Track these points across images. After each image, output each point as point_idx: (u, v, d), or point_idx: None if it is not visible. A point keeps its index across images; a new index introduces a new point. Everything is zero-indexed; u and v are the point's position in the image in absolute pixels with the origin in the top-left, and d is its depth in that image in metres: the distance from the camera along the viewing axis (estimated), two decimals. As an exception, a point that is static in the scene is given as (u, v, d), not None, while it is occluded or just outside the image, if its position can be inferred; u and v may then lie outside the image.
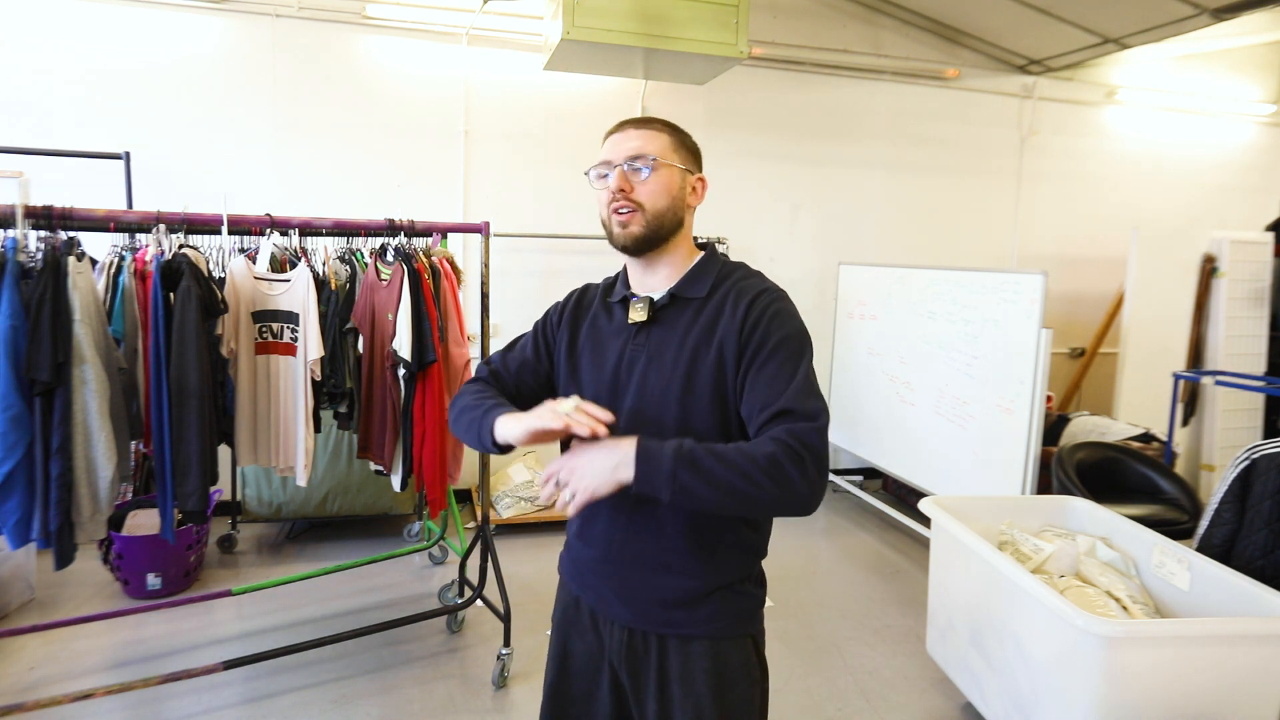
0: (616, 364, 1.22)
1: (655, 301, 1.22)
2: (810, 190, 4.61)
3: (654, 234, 1.19)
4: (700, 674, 1.19)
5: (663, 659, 1.21)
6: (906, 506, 4.11)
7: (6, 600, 2.86)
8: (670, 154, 1.20)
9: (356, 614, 2.98)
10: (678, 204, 1.21)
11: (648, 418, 1.17)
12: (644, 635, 1.22)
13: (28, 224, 1.99)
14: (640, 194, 1.18)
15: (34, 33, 3.45)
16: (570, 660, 1.30)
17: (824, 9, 4.46)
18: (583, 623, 1.29)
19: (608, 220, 1.20)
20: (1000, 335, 3.17)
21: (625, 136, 1.20)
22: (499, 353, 1.38)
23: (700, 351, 1.16)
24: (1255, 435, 4.29)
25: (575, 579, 1.31)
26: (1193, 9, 3.73)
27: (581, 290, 1.36)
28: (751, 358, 1.13)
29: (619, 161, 1.18)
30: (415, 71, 3.92)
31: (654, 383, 1.17)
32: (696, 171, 1.25)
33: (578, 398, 1.10)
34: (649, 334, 1.21)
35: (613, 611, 1.24)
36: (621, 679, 1.25)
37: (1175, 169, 5.28)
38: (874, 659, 2.78)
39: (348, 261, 2.65)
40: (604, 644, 1.26)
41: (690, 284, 1.22)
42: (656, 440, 1.05)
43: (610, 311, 1.28)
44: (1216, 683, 1.83)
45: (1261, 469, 2.25)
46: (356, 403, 2.59)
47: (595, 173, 1.22)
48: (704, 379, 1.15)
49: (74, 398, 1.97)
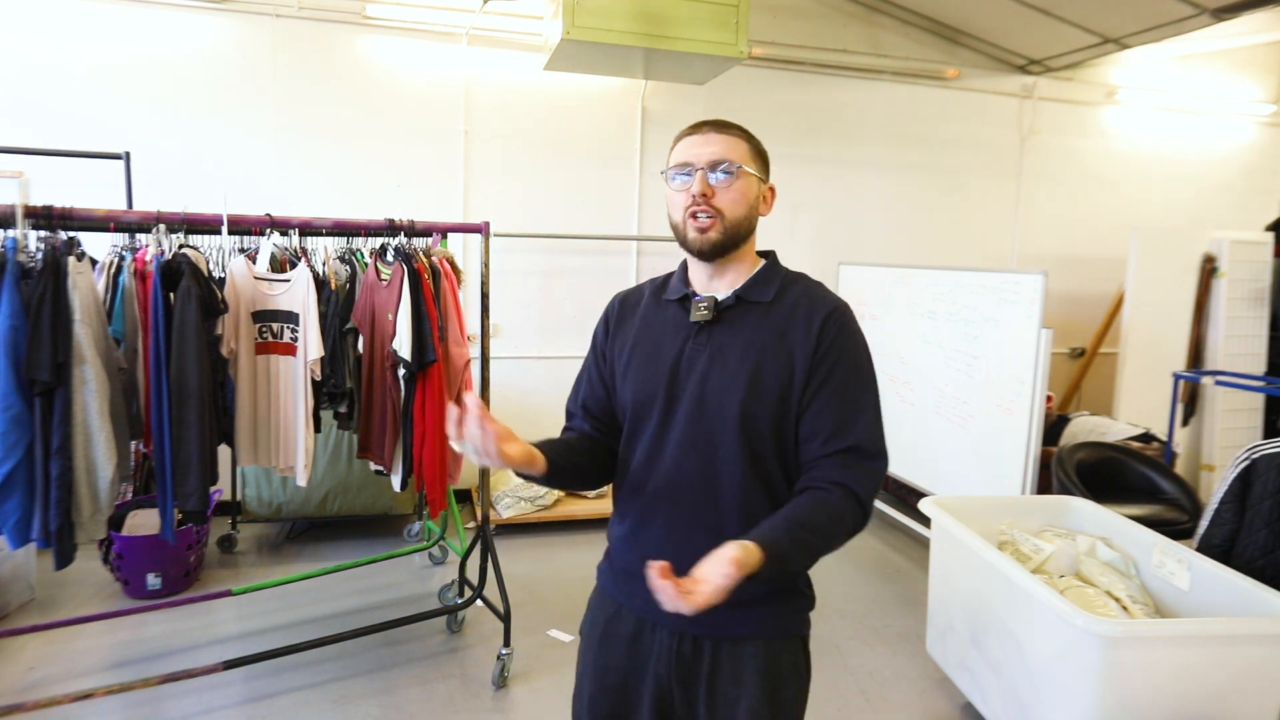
0: (675, 361, 1.20)
1: (720, 302, 1.20)
2: (810, 190, 4.61)
3: (730, 241, 1.18)
4: (753, 674, 1.18)
5: (715, 663, 1.19)
6: (906, 506, 4.11)
7: (6, 600, 2.86)
8: (750, 161, 1.19)
9: (356, 614, 2.98)
10: (753, 212, 1.20)
11: (708, 414, 1.16)
12: (695, 640, 1.20)
13: (28, 224, 1.99)
14: (721, 200, 1.16)
15: (34, 32, 3.44)
16: (609, 675, 1.26)
17: (824, 9, 4.46)
18: (624, 633, 1.25)
19: (682, 223, 1.18)
20: (1000, 335, 3.17)
21: (706, 140, 1.18)
22: (570, 398, 1.36)
23: (767, 354, 1.16)
24: (1255, 435, 4.29)
25: (620, 586, 1.28)
26: (1193, 9, 3.73)
27: (620, 297, 1.34)
28: (826, 377, 1.14)
29: (701, 165, 1.16)
30: (415, 71, 3.92)
31: (716, 381, 1.16)
32: (768, 180, 1.25)
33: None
34: (710, 334, 1.20)
35: (661, 617, 1.20)
36: (669, 688, 1.22)
37: (1175, 169, 5.28)
38: (874, 659, 2.78)
39: (348, 261, 2.65)
40: (650, 653, 1.23)
41: (756, 288, 1.21)
42: (777, 543, 1.02)
43: (665, 309, 1.26)
44: (1216, 683, 1.83)
45: (1261, 469, 2.24)
46: (356, 403, 2.59)
47: (673, 173, 1.19)
48: (770, 381, 1.15)
49: (74, 398, 1.97)
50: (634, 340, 1.26)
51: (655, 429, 1.21)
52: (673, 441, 1.19)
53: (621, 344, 1.28)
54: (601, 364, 1.31)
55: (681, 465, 1.17)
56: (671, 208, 1.20)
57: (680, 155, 1.19)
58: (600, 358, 1.31)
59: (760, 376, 1.15)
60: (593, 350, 1.34)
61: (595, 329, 1.35)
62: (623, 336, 1.28)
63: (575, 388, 1.36)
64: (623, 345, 1.28)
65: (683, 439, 1.18)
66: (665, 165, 1.22)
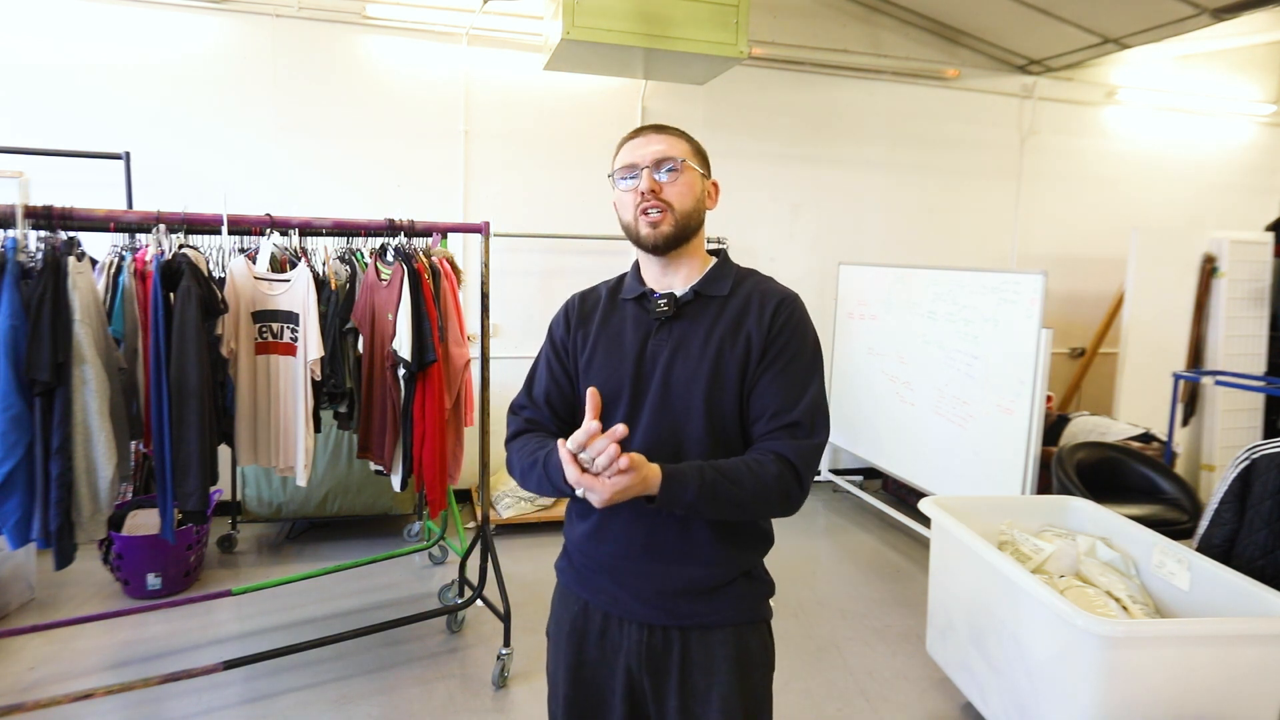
0: (638, 356, 1.24)
1: (679, 298, 1.25)
2: (810, 190, 4.61)
3: (681, 233, 1.23)
4: (724, 661, 1.20)
5: (685, 652, 1.21)
6: (906, 506, 4.11)
7: (6, 600, 2.86)
8: (691, 158, 1.25)
9: (356, 614, 2.98)
10: (700, 205, 1.26)
11: (674, 408, 1.20)
12: (664, 631, 1.22)
13: (28, 224, 1.99)
14: (669, 194, 1.21)
15: (34, 32, 3.45)
16: (584, 670, 1.27)
17: (824, 9, 4.46)
18: (592, 629, 1.27)
19: (633, 221, 1.23)
20: (1000, 335, 3.17)
21: (647, 140, 1.24)
22: (521, 393, 1.37)
23: (726, 344, 1.21)
24: (1255, 435, 4.29)
25: (582, 584, 1.29)
26: (1193, 9, 3.73)
27: (580, 296, 1.36)
28: (773, 359, 1.20)
29: (645, 164, 1.21)
30: (415, 71, 3.92)
31: (680, 373, 1.21)
32: (710, 176, 1.30)
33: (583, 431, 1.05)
34: (671, 329, 1.24)
35: (629, 611, 1.23)
36: (640, 680, 1.23)
37: (1175, 169, 5.28)
38: (874, 659, 2.78)
39: (348, 261, 2.65)
40: (619, 647, 1.24)
41: (712, 283, 1.27)
42: (680, 471, 1.10)
43: (623, 308, 1.30)
44: (1216, 683, 1.83)
45: (1261, 469, 2.24)
46: (356, 403, 2.59)
47: (619, 176, 1.25)
48: (730, 370, 1.20)
49: (74, 398, 1.97)
50: (594, 337, 1.29)
51: (622, 422, 1.21)
52: (639, 434, 1.21)
53: (583, 341, 1.30)
54: (564, 358, 1.32)
55: (650, 457, 1.15)
56: (621, 209, 1.25)
57: (625, 158, 1.24)
58: (561, 351, 1.33)
59: (722, 365, 1.20)
60: (550, 345, 1.35)
61: (552, 325, 1.36)
62: (584, 333, 1.30)
63: (528, 382, 1.36)
64: (584, 342, 1.30)
65: (649, 431, 1.21)
66: (610, 171, 1.27)
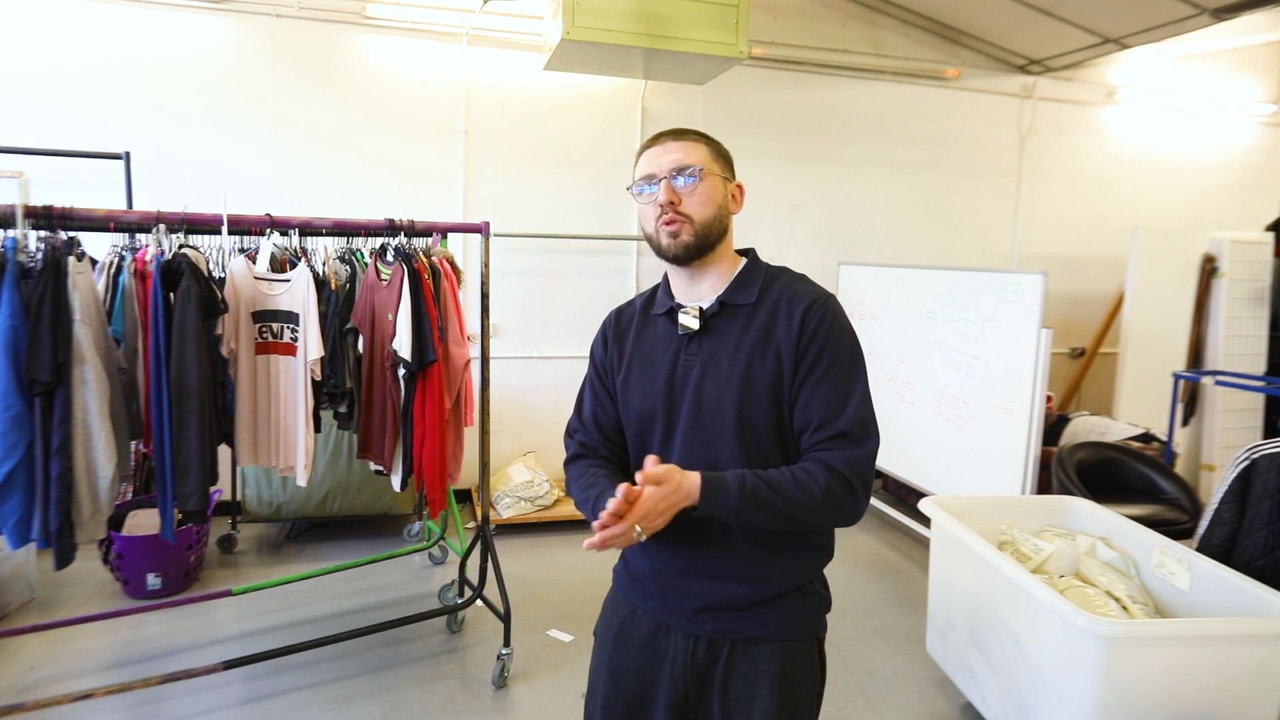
0: (670, 374, 1.22)
1: (705, 310, 1.22)
2: (810, 190, 4.61)
3: (703, 242, 1.19)
4: (766, 677, 1.19)
5: (730, 664, 1.20)
6: (906, 506, 4.11)
7: (6, 600, 2.86)
8: (711, 163, 1.21)
9: (356, 614, 2.98)
10: (722, 212, 1.22)
11: (706, 425, 1.18)
12: (710, 642, 1.21)
13: (28, 224, 1.99)
14: (688, 205, 1.18)
15: (34, 32, 3.45)
16: (624, 677, 1.27)
17: (824, 9, 4.46)
18: (639, 635, 1.27)
19: (654, 233, 1.21)
20: (1000, 335, 3.17)
21: (665, 149, 1.20)
22: (573, 416, 1.37)
23: (755, 357, 1.17)
24: (1255, 435, 4.29)
25: (635, 589, 1.29)
26: (1193, 9, 3.73)
27: (616, 313, 1.36)
28: (810, 368, 1.16)
29: (663, 174, 1.18)
30: (415, 71, 3.92)
31: (710, 390, 1.18)
32: (733, 179, 1.26)
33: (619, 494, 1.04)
34: (701, 343, 1.21)
35: (678, 621, 1.23)
36: (684, 689, 1.23)
37: (1175, 169, 5.28)
38: (874, 659, 2.78)
39: (348, 261, 2.65)
40: (665, 655, 1.24)
41: (738, 290, 1.22)
42: (720, 477, 1.09)
43: (654, 324, 1.28)
44: (1216, 683, 1.83)
45: (1261, 469, 2.24)
46: (356, 403, 2.59)
47: (639, 187, 1.22)
48: (761, 384, 1.16)
49: (74, 398, 1.97)
50: (629, 356, 1.28)
51: (660, 442, 1.23)
52: (676, 452, 1.20)
53: (618, 360, 1.29)
54: (605, 378, 1.32)
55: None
56: (644, 221, 1.23)
57: (643, 168, 1.22)
58: (602, 372, 1.32)
59: (752, 378, 1.17)
60: (593, 365, 1.35)
61: (593, 345, 1.36)
62: (619, 351, 1.30)
63: (578, 404, 1.36)
64: (620, 361, 1.29)
65: (684, 449, 1.20)
66: (631, 181, 1.25)
